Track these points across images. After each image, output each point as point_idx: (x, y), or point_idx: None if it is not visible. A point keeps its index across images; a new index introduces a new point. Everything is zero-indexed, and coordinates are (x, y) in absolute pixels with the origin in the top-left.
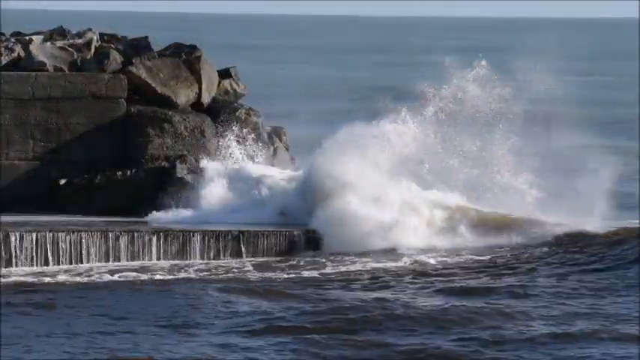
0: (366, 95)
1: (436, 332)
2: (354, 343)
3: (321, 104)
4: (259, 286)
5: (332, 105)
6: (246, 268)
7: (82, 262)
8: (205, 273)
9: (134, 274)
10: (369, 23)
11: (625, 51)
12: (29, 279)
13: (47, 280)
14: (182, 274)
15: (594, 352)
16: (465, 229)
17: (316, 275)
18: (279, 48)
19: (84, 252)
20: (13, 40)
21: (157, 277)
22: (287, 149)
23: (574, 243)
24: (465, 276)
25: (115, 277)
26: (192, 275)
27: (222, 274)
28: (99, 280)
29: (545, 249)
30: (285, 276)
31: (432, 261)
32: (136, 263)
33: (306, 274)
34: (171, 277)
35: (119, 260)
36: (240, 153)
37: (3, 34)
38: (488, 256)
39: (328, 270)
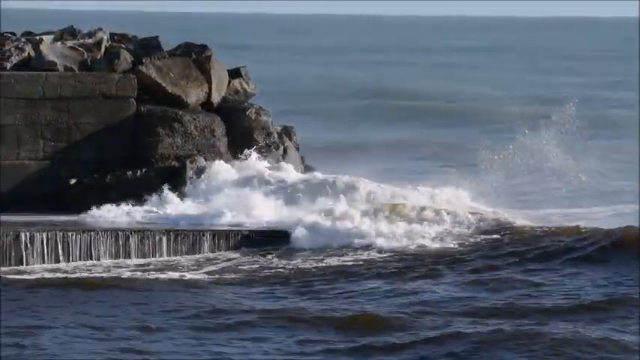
0: (364, 96)
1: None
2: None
3: (316, 105)
4: None
5: (327, 105)
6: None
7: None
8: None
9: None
10: (369, 23)
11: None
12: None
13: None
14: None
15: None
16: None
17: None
18: (279, 48)
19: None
20: (23, 39)
21: None
22: (297, 149)
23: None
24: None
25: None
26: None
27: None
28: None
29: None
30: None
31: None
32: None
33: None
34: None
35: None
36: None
37: (14, 34)
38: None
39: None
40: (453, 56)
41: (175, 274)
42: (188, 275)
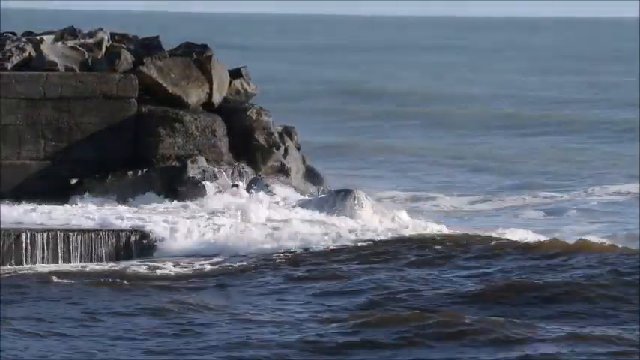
0: (354, 97)
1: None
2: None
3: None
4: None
5: (315, 106)
6: None
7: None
8: None
9: None
10: (367, 22)
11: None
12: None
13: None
14: None
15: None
16: None
17: None
18: (278, 48)
19: None
20: (24, 39)
21: None
22: (298, 149)
23: None
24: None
25: None
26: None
27: None
28: None
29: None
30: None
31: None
32: None
33: None
34: None
35: None
36: None
37: (14, 34)
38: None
39: None
40: (452, 56)
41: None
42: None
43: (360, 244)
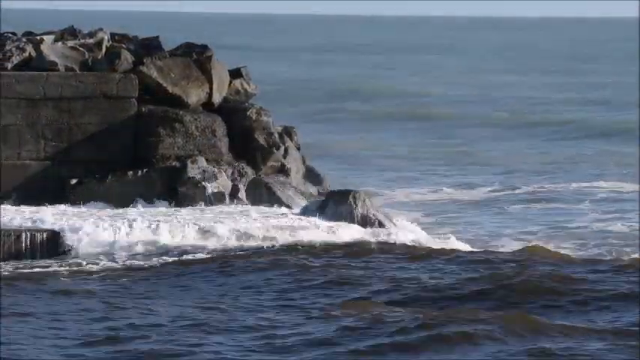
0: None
1: None
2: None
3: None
4: None
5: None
6: None
7: None
8: None
9: None
10: (367, 22)
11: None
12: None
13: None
14: None
15: None
16: None
17: None
18: (278, 48)
19: None
20: (24, 39)
21: None
22: (298, 149)
23: None
24: None
25: None
26: None
27: None
28: None
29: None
30: None
31: None
32: None
33: None
34: None
35: None
36: None
37: (14, 34)
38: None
39: None
40: (452, 56)
41: None
42: None
43: (356, 241)
